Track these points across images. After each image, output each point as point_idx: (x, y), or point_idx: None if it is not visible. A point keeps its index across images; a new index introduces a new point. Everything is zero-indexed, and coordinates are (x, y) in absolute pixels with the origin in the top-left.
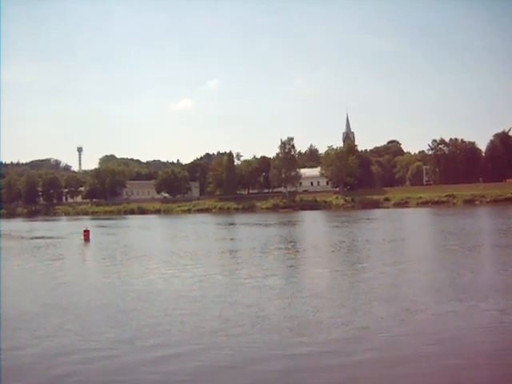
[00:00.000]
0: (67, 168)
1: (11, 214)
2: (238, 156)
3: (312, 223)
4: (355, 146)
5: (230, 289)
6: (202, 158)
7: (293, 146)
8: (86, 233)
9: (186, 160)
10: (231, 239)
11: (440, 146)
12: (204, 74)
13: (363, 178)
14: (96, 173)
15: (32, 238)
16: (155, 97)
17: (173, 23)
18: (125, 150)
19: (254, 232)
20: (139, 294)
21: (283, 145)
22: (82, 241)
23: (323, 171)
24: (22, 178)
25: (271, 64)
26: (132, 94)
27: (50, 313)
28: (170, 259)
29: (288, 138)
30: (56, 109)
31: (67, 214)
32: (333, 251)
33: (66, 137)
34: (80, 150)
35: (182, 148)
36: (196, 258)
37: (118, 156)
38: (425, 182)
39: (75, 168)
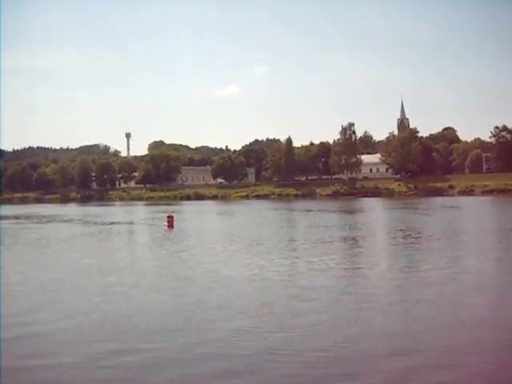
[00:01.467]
0: (116, 153)
1: (65, 199)
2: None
3: (389, 210)
4: (417, 132)
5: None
6: (250, 144)
7: (354, 132)
8: (170, 219)
9: (235, 146)
10: (324, 226)
11: (502, 132)
12: (251, 59)
13: (424, 165)
14: (150, 158)
15: (108, 224)
16: (201, 82)
17: (221, 9)
18: (173, 136)
19: (340, 219)
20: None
21: (344, 130)
22: (166, 227)
23: (383, 158)
24: (73, 163)
25: (320, 50)
26: (179, 79)
27: None
28: (283, 248)
29: (349, 124)
30: (105, 95)
31: (121, 199)
32: (461, 240)
33: (114, 123)
34: (128, 135)
35: (230, 134)
36: (310, 246)
37: (167, 142)
38: (485, 170)
39: (123, 154)
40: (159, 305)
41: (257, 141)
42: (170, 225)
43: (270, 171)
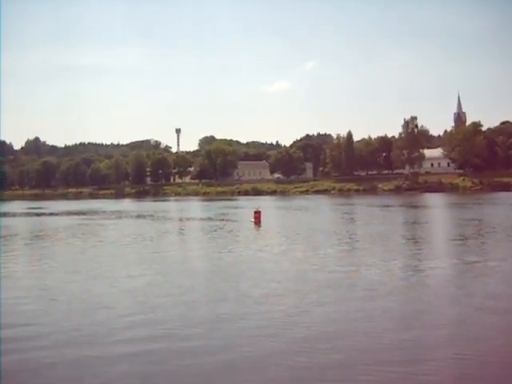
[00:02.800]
0: (167, 149)
1: (119, 194)
2: (339, 137)
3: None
4: (481, 125)
5: None
6: (302, 139)
7: (416, 126)
8: (258, 215)
9: (285, 141)
10: (425, 223)
11: None
12: (300, 55)
13: (488, 159)
14: (206, 153)
15: (186, 220)
16: (251, 78)
17: (271, 5)
18: (223, 131)
19: (433, 215)
20: None
21: (406, 124)
22: (253, 223)
23: (446, 152)
24: (125, 158)
25: (371, 44)
26: (229, 75)
27: None
28: (405, 247)
29: (411, 117)
30: (155, 91)
31: (177, 194)
32: None
33: (164, 118)
34: (178, 131)
35: (280, 129)
36: (433, 245)
37: (217, 137)
38: None
39: (174, 149)
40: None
41: (308, 136)
42: (258, 221)
43: (330, 166)
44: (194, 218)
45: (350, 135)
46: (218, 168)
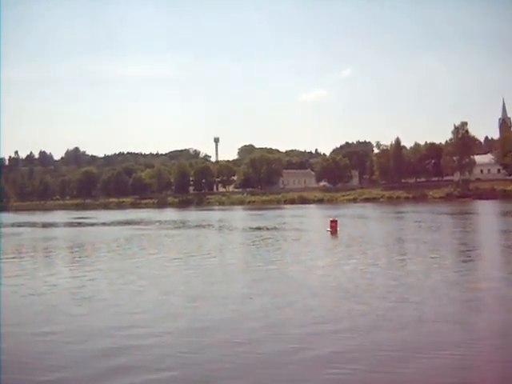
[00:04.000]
0: (206, 158)
1: (162, 204)
2: (378, 145)
3: None
4: None
5: None
6: (341, 146)
7: (467, 132)
8: (334, 223)
9: (325, 149)
10: None
11: None
12: (337, 63)
13: None
14: (250, 161)
15: (254, 230)
16: (288, 87)
17: (308, 13)
18: (261, 140)
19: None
20: None
21: (456, 130)
22: (329, 233)
23: (497, 158)
24: (165, 167)
25: (408, 51)
26: (265, 84)
27: None
28: None
29: (461, 123)
30: (193, 100)
31: (221, 203)
32: None
33: (203, 127)
34: (217, 140)
35: (319, 137)
36: None
37: (257, 146)
38: None
39: (213, 158)
40: None
41: (348, 144)
42: (334, 230)
43: (377, 173)
44: (256, 227)
45: (398, 142)
46: (263, 176)
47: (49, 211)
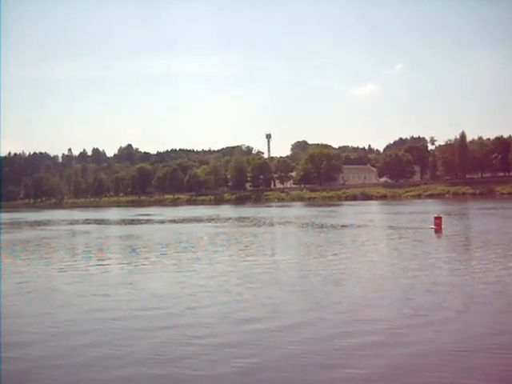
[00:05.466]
0: (259, 154)
1: (218, 201)
2: (432, 140)
3: None
4: None
5: None
6: (395, 142)
7: None
8: (438, 221)
9: (377, 145)
10: None
11: None
12: (389, 58)
13: None
14: (310, 157)
15: (343, 227)
16: (340, 82)
17: (360, 8)
18: (313, 136)
19: None
20: None
21: None
22: (433, 230)
23: None
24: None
25: (461, 46)
26: (316, 79)
27: None
28: None
29: None
30: (244, 96)
31: (280, 199)
32: None
33: (254, 124)
34: (269, 136)
35: (371, 133)
36: None
37: (309, 142)
38: None
39: (265, 155)
40: None
41: (401, 139)
42: (439, 228)
43: (442, 169)
44: (343, 225)
45: (463, 136)
46: (323, 172)
47: (104, 208)
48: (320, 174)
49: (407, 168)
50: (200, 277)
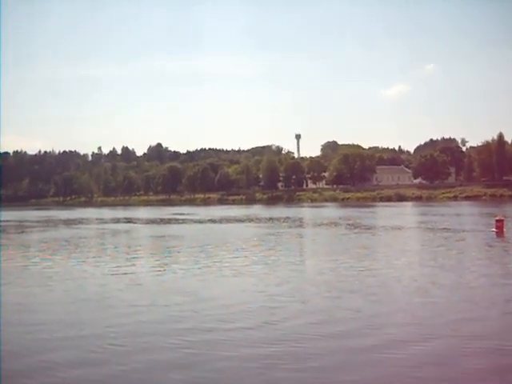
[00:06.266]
0: (289, 155)
1: (250, 200)
2: (464, 142)
3: None
4: None
5: None
6: (426, 144)
7: None
8: (500, 223)
9: (407, 146)
10: None
11: None
12: (418, 58)
13: None
14: (343, 157)
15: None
16: (369, 83)
17: (387, 9)
18: (342, 136)
19: None
20: None
21: None
22: (494, 233)
23: None
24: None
25: (493, 47)
26: (346, 80)
27: None
28: None
29: None
30: (273, 96)
31: (313, 200)
32: None
33: (283, 124)
34: (298, 136)
35: (401, 134)
36: None
37: (339, 142)
38: None
39: (295, 155)
40: None
41: (432, 140)
42: (501, 231)
43: (478, 170)
44: (395, 226)
45: (501, 137)
46: (356, 173)
47: (135, 207)
48: (353, 174)
49: (442, 169)
50: (265, 284)
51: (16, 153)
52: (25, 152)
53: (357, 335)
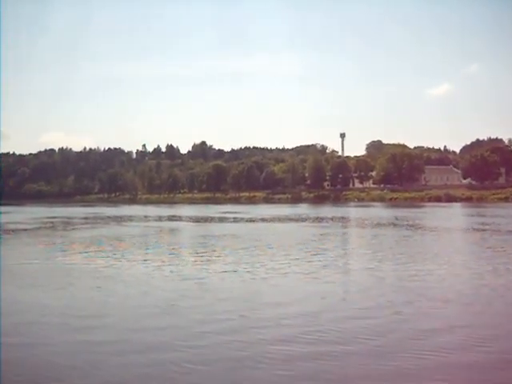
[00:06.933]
0: (334, 154)
1: (296, 199)
2: (511, 142)
3: None
4: None
5: None
6: (472, 143)
7: None
8: None
9: (453, 146)
10: None
11: None
12: (465, 57)
13: None
14: (391, 156)
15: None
16: (414, 82)
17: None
18: (387, 136)
19: None
20: None
21: None
22: None
23: None
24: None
25: None
26: (391, 79)
27: None
28: None
29: None
30: (318, 95)
31: (360, 199)
32: None
33: (328, 123)
34: (343, 135)
35: (446, 134)
36: None
37: (384, 142)
38: None
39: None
40: None
41: (478, 140)
42: None
43: None
44: (458, 228)
45: None
46: (404, 172)
47: (180, 204)
48: (401, 174)
49: (493, 169)
50: (345, 289)
51: (61, 150)
52: (70, 149)
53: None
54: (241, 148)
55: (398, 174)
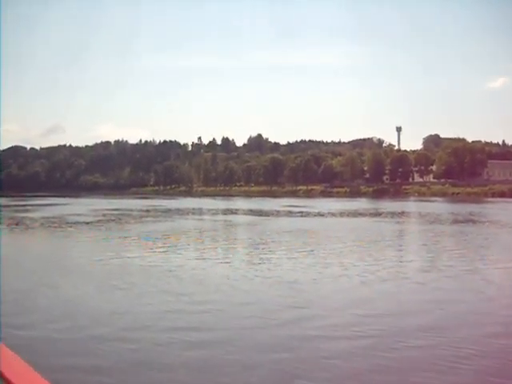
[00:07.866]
0: (391, 147)
1: (355, 193)
2: None
3: None
4: None
5: None
6: None
7: None
8: None
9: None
10: None
11: None
12: None
13: None
14: (453, 151)
15: None
16: (473, 75)
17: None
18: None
19: None
20: None
21: None
22: None
23: None
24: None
25: None
26: (448, 73)
27: None
28: None
29: None
30: (374, 88)
31: (421, 194)
32: None
33: (384, 116)
34: (399, 129)
35: (507, 127)
36: None
37: (442, 136)
38: None
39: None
40: None
41: None
42: None
43: None
44: None
45: None
46: (467, 167)
47: (237, 197)
48: (463, 168)
49: None
50: (461, 297)
51: (117, 142)
52: (126, 141)
53: None
54: (296, 141)
55: (460, 168)
